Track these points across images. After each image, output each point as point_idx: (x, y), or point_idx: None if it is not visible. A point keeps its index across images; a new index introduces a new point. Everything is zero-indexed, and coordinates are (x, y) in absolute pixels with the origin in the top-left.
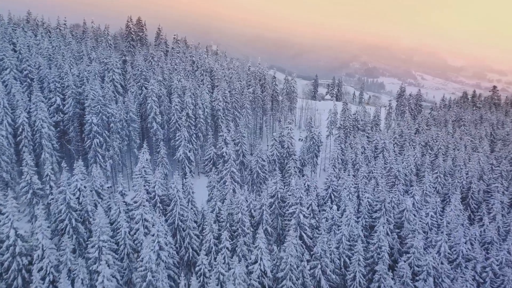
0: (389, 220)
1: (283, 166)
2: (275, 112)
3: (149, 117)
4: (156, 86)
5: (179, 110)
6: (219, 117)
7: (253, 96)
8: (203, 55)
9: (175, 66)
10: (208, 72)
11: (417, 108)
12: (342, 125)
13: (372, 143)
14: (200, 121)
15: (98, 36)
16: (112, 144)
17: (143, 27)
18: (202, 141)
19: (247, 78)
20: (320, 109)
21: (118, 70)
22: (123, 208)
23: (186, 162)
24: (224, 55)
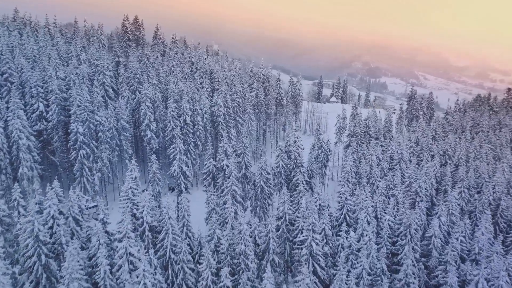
0: (415, 248)
1: (290, 179)
2: (279, 116)
3: (143, 125)
4: (151, 90)
5: (175, 116)
6: (220, 123)
7: (256, 100)
8: (203, 55)
9: (172, 68)
10: (208, 74)
11: (429, 112)
12: (352, 132)
13: (387, 152)
14: (199, 129)
15: (91, 36)
16: (101, 156)
17: (140, 26)
18: (201, 150)
19: (250, 80)
20: (326, 112)
21: (109, 73)
22: (104, 240)
23: (182, 177)
24: (225, 56)
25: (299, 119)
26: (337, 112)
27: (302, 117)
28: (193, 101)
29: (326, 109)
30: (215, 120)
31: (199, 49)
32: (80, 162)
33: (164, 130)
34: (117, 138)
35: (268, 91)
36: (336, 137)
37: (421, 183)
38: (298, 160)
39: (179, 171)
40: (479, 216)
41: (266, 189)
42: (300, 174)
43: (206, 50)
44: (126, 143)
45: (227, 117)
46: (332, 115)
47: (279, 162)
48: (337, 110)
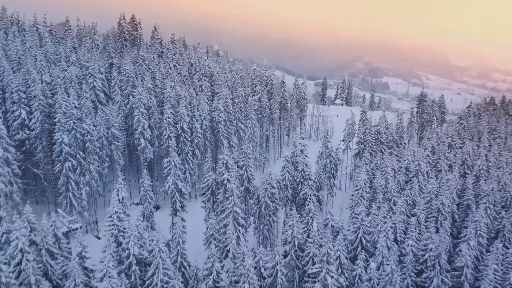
0: (445, 281)
1: (297, 192)
2: (283, 121)
3: (136, 133)
4: (145, 95)
5: (172, 123)
6: (220, 130)
7: (259, 105)
8: (203, 56)
9: (169, 71)
10: (207, 77)
11: (440, 115)
12: (363, 139)
13: (402, 163)
14: (198, 136)
15: (83, 36)
16: (89, 168)
17: (137, 25)
18: (199, 159)
19: (252, 83)
20: (331, 115)
21: (101, 76)
22: (82, 280)
23: (177, 195)
24: (226, 56)
25: (304, 123)
26: (343, 115)
27: (307, 121)
28: (191, 106)
29: (332, 112)
30: (215, 127)
31: (199, 49)
32: (65, 175)
33: (160, 138)
34: (107, 148)
35: (272, 94)
36: (344, 143)
37: (444, 199)
38: (305, 171)
39: (173, 188)
40: (508, 236)
41: (271, 205)
42: (308, 188)
43: (206, 51)
44: (118, 153)
45: (228, 123)
46: (337, 119)
47: (285, 174)
48: (342, 113)
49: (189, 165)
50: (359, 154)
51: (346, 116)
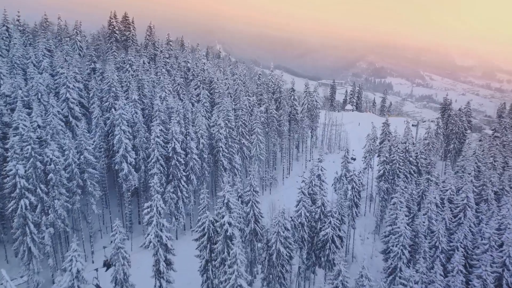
0: None
1: (315, 231)
2: (293, 133)
3: (117, 156)
4: (129, 109)
5: (161, 143)
6: (220, 149)
7: (265, 117)
8: (201, 60)
9: (161, 77)
10: (206, 84)
11: (468, 126)
12: (388, 159)
13: (444, 192)
14: (193, 158)
15: (63, 37)
16: (53, 205)
17: (130, 25)
18: (196, 185)
19: (257, 91)
20: (343, 123)
21: (78, 84)
22: None
23: (161, 252)
24: (228, 58)
25: (315, 135)
26: (356, 123)
27: (318, 131)
28: (185, 122)
29: (343, 119)
30: (214, 145)
31: (197, 51)
32: (21, 216)
33: (147, 161)
34: (79, 178)
35: (281, 103)
36: (364, 161)
37: (511, 250)
38: (326, 206)
39: (156, 242)
40: None
41: (285, 253)
42: (330, 228)
43: (206, 52)
44: (93, 183)
45: (230, 141)
46: (351, 127)
47: (301, 209)
48: (355, 120)
49: (183, 193)
50: (383, 176)
51: (359, 124)
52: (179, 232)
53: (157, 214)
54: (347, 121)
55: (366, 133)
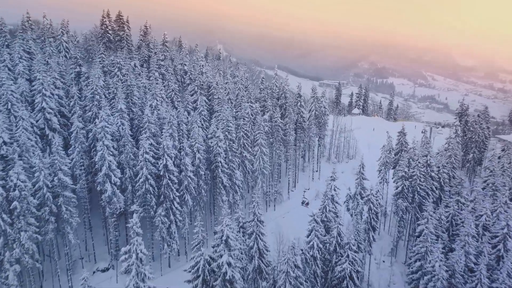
0: None
1: (330, 266)
2: (299, 142)
3: (100, 175)
4: (114, 121)
5: (151, 160)
6: (219, 165)
7: (270, 126)
8: (200, 62)
9: (154, 83)
10: (204, 90)
11: (489, 134)
12: (407, 174)
13: (478, 219)
14: (188, 176)
15: (47, 37)
16: (18, 238)
17: (124, 24)
18: (191, 207)
19: (260, 96)
20: (351, 129)
21: (57, 91)
22: None
23: None
24: (228, 60)
25: (323, 144)
26: (365, 129)
27: (326, 140)
28: (180, 134)
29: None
30: (212, 160)
31: (196, 52)
32: None
33: (134, 181)
34: (51, 203)
35: (286, 110)
36: (379, 175)
37: None
38: (342, 237)
39: None
40: None
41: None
42: (348, 262)
43: (205, 53)
44: (69, 209)
45: (230, 154)
46: (359, 133)
47: (313, 240)
48: (363, 126)
49: (176, 216)
50: (402, 193)
51: (368, 130)
52: (172, 259)
53: (138, 261)
54: (354, 127)
55: (375, 139)
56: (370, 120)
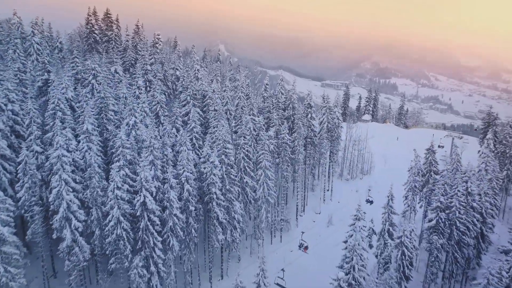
0: None
1: None
2: (309, 160)
3: (56, 218)
4: (81, 145)
5: (124, 198)
6: (214, 197)
7: (276, 144)
8: (195, 65)
9: (137, 92)
10: (198, 100)
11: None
12: (444, 204)
13: None
14: (174, 215)
15: (13, 38)
16: None
17: (112, 23)
18: (177, 252)
19: (264, 106)
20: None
21: (10, 107)
22: None
23: None
24: (229, 62)
25: (335, 160)
26: (378, 138)
27: (339, 154)
28: (164, 160)
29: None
30: (205, 190)
31: (193, 54)
32: None
33: (102, 224)
34: None
35: (294, 124)
36: (405, 202)
37: None
38: None
39: None
40: None
41: None
42: None
43: (203, 56)
44: (8, 270)
45: (228, 181)
46: (372, 143)
47: None
48: (376, 134)
49: (158, 266)
50: (437, 226)
51: (382, 139)
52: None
53: None
54: (369, 135)
55: (392, 151)
56: (383, 127)
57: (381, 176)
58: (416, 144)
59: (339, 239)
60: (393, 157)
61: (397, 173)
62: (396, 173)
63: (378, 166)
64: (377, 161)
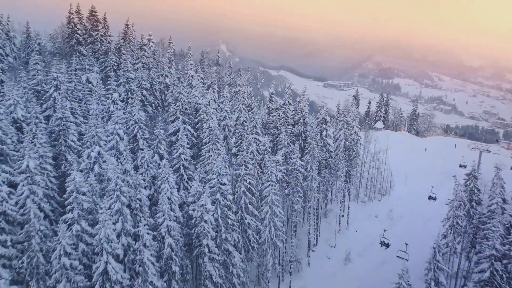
0: None
1: None
2: (323, 185)
3: None
4: (25, 187)
5: (76, 266)
6: (205, 251)
7: (285, 170)
8: (189, 71)
9: (109, 107)
10: (189, 115)
11: None
12: (500, 252)
13: None
14: (148, 284)
15: None
16: None
17: (98, 22)
18: None
19: (269, 120)
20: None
21: None
22: None
23: None
24: (229, 65)
25: (354, 183)
26: (395, 149)
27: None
28: (137, 207)
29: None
30: (195, 242)
31: (189, 56)
32: None
33: None
34: None
35: (307, 143)
36: (445, 242)
37: None
38: None
39: None
40: None
41: None
42: None
43: (200, 58)
44: None
45: (224, 229)
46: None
47: None
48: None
49: None
50: (491, 280)
51: (399, 151)
52: None
53: None
54: (383, 147)
55: (413, 166)
56: (397, 136)
57: (402, 198)
58: (439, 157)
59: (359, 281)
60: (413, 173)
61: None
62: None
63: (398, 185)
64: (397, 178)
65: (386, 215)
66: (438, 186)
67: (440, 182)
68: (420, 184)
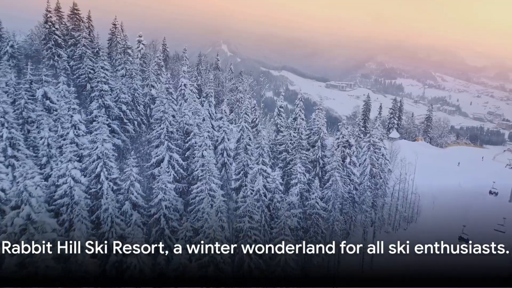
0: None
1: None
2: (346, 223)
3: None
4: None
5: None
6: None
7: (301, 213)
8: (182, 80)
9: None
10: (179, 139)
11: None
12: None
13: None
14: None
15: None
16: None
17: (80, 22)
18: None
19: (278, 141)
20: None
21: None
22: None
23: None
24: (229, 70)
25: (378, 213)
26: (417, 165)
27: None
28: None
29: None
30: None
31: (184, 60)
32: None
33: None
34: None
35: (326, 172)
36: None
37: None
38: None
39: None
40: None
41: None
42: None
43: (197, 62)
44: None
45: None
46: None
47: None
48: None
49: None
50: None
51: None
52: None
53: None
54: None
55: (437, 184)
56: (416, 147)
57: (430, 226)
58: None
59: None
60: (440, 195)
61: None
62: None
63: (425, 210)
64: (422, 201)
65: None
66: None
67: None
68: (449, 208)
